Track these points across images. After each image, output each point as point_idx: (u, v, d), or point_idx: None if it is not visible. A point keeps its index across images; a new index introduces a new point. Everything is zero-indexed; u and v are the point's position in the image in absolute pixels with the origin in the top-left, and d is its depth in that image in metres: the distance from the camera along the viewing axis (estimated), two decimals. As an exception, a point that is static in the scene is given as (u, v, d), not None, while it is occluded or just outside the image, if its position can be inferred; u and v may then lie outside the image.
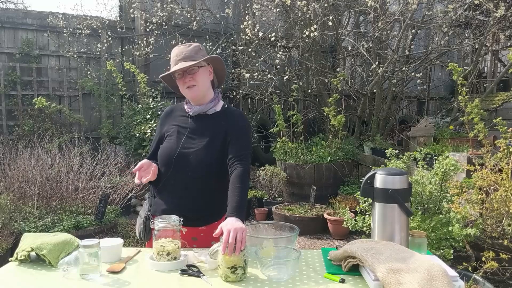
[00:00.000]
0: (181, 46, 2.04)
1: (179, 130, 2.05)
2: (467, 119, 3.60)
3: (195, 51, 2.01)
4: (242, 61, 6.75)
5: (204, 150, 1.96)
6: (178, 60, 1.99)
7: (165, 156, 2.01)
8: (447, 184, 3.05)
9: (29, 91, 6.75)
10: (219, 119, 2.04)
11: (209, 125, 2.02)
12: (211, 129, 2.01)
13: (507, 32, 6.58)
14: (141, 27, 7.32)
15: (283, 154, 5.87)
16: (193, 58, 1.99)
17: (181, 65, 1.96)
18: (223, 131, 2.00)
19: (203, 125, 2.03)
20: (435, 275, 1.39)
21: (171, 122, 2.11)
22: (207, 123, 2.03)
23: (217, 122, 2.03)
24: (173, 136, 2.04)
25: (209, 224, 1.98)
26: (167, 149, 2.02)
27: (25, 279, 1.60)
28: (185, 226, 1.87)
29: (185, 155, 1.96)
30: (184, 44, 2.05)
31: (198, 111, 2.04)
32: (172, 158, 1.97)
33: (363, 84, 7.05)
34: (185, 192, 1.98)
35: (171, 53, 2.04)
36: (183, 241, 1.91)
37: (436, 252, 2.77)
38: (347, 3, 6.75)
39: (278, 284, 1.53)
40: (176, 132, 2.05)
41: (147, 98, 6.30)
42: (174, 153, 1.98)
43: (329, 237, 4.90)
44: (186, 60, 1.97)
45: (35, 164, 4.19)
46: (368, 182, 1.80)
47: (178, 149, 1.98)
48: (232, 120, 2.03)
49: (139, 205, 5.84)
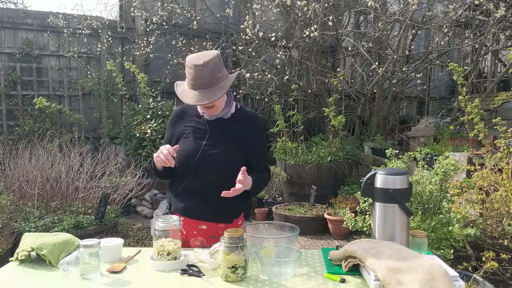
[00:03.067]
0: (197, 68, 1.84)
1: (196, 132, 2.01)
2: (467, 119, 3.61)
3: (212, 71, 1.85)
4: (242, 61, 6.75)
5: (225, 154, 1.98)
6: (195, 85, 1.86)
7: (185, 158, 1.97)
8: (447, 184, 3.05)
9: (29, 91, 6.75)
10: (236, 121, 2.04)
11: (227, 128, 2.02)
12: (230, 132, 2.02)
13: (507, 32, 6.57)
14: (141, 27, 7.32)
15: (283, 154, 5.87)
16: (213, 83, 1.86)
17: (199, 99, 1.85)
18: (242, 135, 2.02)
19: (221, 128, 2.02)
20: (435, 275, 1.39)
21: (184, 123, 2.06)
22: (225, 126, 2.02)
23: (234, 125, 2.03)
24: (190, 138, 2.01)
25: (228, 223, 2.03)
26: (187, 151, 1.98)
27: (26, 279, 1.60)
28: (205, 222, 1.98)
29: (207, 159, 1.95)
30: (199, 65, 1.84)
31: (215, 117, 2.02)
32: (193, 161, 1.95)
33: (363, 84, 7.05)
34: (205, 193, 2.00)
35: (187, 66, 1.88)
36: (202, 238, 1.99)
37: (436, 252, 2.77)
38: (347, 3, 6.75)
39: (278, 284, 1.53)
40: (193, 134, 2.01)
41: (147, 98, 6.31)
42: (195, 156, 1.96)
43: (329, 237, 4.90)
44: (205, 88, 1.85)
45: (35, 164, 4.19)
46: (369, 182, 1.80)
47: (199, 152, 1.96)
48: (249, 123, 2.05)
49: (139, 205, 5.84)
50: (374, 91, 6.85)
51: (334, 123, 5.55)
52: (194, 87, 1.87)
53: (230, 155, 1.98)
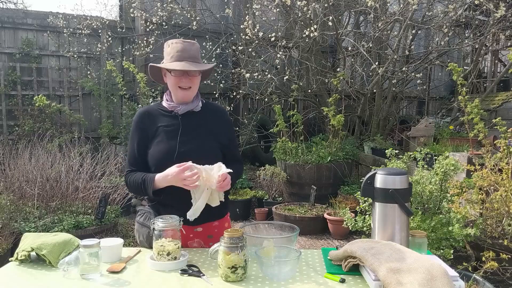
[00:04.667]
0: (184, 42, 1.95)
1: (168, 130, 1.96)
2: (467, 119, 3.61)
3: (198, 51, 1.96)
4: (242, 61, 6.75)
5: (203, 147, 1.96)
6: (181, 57, 1.90)
7: (163, 159, 1.90)
8: (447, 184, 3.05)
9: (29, 91, 6.75)
10: (206, 115, 2.04)
11: (199, 122, 2.01)
12: (203, 125, 2.01)
13: (507, 32, 6.57)
14: (141, 27, 7.32)
15: (283, 154, 5.87)
16: (198, 60, 1.93)
17: (187, 66, 1.88)
18: (214, 127, 2.02)
19: (193, 122, 2.00)
20: (435, 275, 1.39)
21: (152, 125, 1.98)
22: (196, 120, 2.01)
23: (204, 118, 2.03)
24: (163, 138, 1.95)
25: (220, 219, 2.04)
26: (163, 152, 1.92)
27: (25, 279, 1.60)
28: (200, 225, 1.94)
29: (186, 155, 1.88)
30: (187, 41, 1.96)
31: (187, 109, 1.99)
32: (172, 160, 1.87)
33: (363, 84, 7.05)
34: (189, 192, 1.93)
35: (169, 45, 1.94)
36: (200, 240, 1.97)
37: (436, 252, 2.77)
38: (347, 3, 6.75)
39: (278, 284, 1.53)
40: (165, 133, 1.96)
41: (147, 98, 6.30)
42: (173, 155, 1.90)
43: (329, 237, 4.90)
44: (191, 61, 1.90)
45: (35, 164, 4.18)
46: (369, 182, 1.80)
47: (177, 150, 1.91)
48: (218, 116, 2.08)
49: (139, 205, 5.84)
50: (374, 91, 6.85)
51: (333, 122, 5.55)
52: (181, 58, 1.90)
53: (206, 148, 1.96)
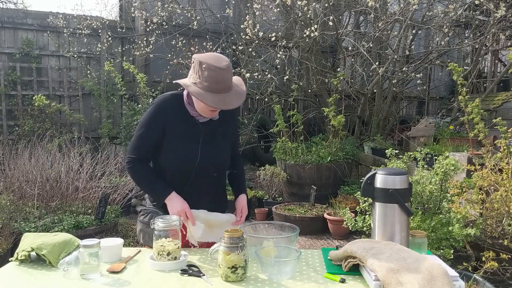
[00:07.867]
0: (221, 70, 1.78)
1: (188, 136, 1.95)
2: (467, 119, 3.60)
3: (231, 73, 1.84)
4: (242, 61, 6.75)
5: (221, 155, 2.04)
6: (218, 89, 1.79)
7: (184, 165, 1.94)
8: (447, 184, 3.05)
9: (29, 91, 6.75)
10: (221, 118, 2.04)
11: (216, 128, 2.02)
12: (219, 131, 2.03)
13: (507, 32, 6.57)
14: (141, 27, 7.32)
15: (283, 154, 5.87)
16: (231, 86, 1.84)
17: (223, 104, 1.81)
18: (227, 128, 2.07)
19: (212, 129, 2.00)
20: (435, 275, 1.39)
21: (170, 118, 1.94)
22: (215, 126, 2.01)
23: (220, 122, 2.03)
24: (183, 143, 1.94)
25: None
26: (185, 158, 1.93)
27: (26, 279, 1.60)
28: None
29: (206, 162, 1.96)
30: (222, 68, 1.78)
31: (208, 118, 1.99)
32: (193, 167, 1.94)
33: (363, 84, 7.05)
34: (203, 192, 2.02)
35: (204, 68, 1.77)
36: None
37: (436, 252, 2.77)
38: (348, 3, 6.75)
39: (278, 284, 1.53)
40: (186, 138, 1.95)
41: (147, 98, 6.30)
42: (195, 163, 1.93)
43: (329, 237, 4.89)
44: (226, 92, 1.82)
45: (35, 164, 4.18)
46: (369, 182, 1.80)
47: (198, 158, 1.94)
48: (230, 113, 2.07)
49: (139, 205, 5.84)
50: (374, 91, 6.85)
51: (334, 123, 5.55)
52: (218, 90, 1.79)
53: (224, 155, 2.06)
